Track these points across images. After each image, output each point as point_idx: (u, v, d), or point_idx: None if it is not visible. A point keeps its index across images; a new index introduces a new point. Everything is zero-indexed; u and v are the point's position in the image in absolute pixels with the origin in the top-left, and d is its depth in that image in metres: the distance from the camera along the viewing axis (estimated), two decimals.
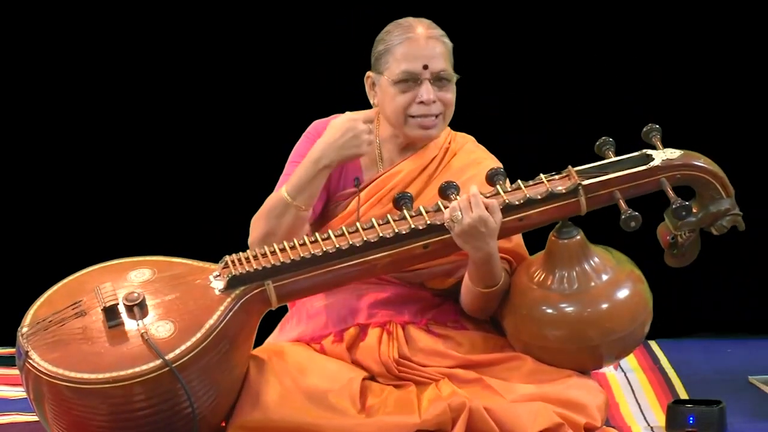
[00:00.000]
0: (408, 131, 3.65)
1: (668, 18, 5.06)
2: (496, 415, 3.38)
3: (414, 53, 3.61)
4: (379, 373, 3.53)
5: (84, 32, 5.19)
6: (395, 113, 3.64)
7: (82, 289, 3.41)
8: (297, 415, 3.37)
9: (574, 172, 3.49)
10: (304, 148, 3.66)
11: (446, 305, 3.67)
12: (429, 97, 3.61)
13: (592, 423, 3.44)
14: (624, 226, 3.43)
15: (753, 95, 5.06)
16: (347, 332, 3.60)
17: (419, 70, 3.61)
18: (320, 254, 3.42)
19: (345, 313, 3.63)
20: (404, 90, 3.62)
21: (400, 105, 3.63)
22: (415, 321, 3.62)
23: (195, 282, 3.40)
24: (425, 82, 3.61)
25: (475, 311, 3.62)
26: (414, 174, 3.67)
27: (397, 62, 3.62)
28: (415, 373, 3.53)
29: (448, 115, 3.67)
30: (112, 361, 3.23)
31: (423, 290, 3.66)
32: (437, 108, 3.63)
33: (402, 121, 3.64)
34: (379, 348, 3.55)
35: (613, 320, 3.48)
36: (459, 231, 3.40)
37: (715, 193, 3.50)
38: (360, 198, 3.65)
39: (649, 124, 3.56)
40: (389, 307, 3.63)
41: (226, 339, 3.32)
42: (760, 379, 4.20)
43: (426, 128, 3.64)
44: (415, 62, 3.61)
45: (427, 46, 3.62)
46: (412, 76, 3.61)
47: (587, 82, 5.08)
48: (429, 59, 3.61)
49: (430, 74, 3.61)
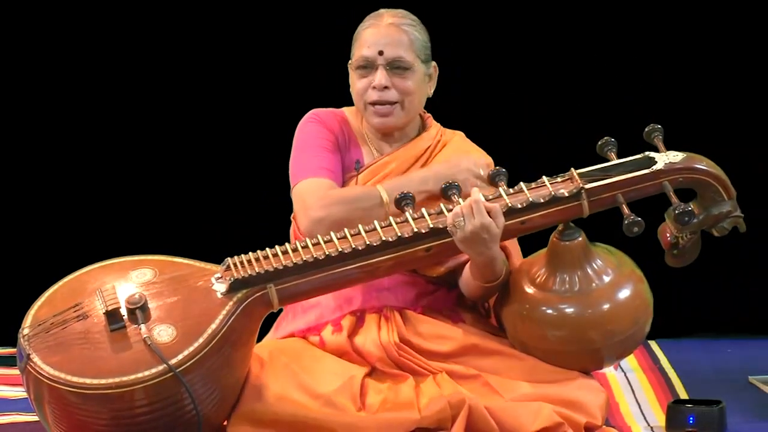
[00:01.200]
0: (368, 118, 3.68)
1: (668, 18, 5.06)
2: (496, 413, 3.39)
3: (372, 39, 3.64)
4: (380, 358, 3.52)
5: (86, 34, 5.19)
6: (356, 99, 3.69)
7: (84, 289, 3.39)
8: (297, 410, 3.36)
9: (577, 175, 3.48)
10: (315, 132, 3.69)
11: (440, 293, 3.67)
12: (380, 82, 3.63)
13: (593, 422, 3.44)
14: (627, 232, 3.42)
15: (753, 95, 5.06)
16: (345, 319, 3.59)
17: (374, 55, 3.64)
18: (323, 257, 3.41)
19: (340, 301, 3.63)
20: (362, 75, 3.66)
21: (358, 90, 3.67)
22: (410, 307, 3.62)
23: (197, 284, 3.39)
24: (379, 67, 3.63)
25: (475, 299, 3.65)
26: (409, 163, 3.68)
27: (359, 48, 3.66)
28: (414, 361, 3.53)
29: (408, 104, 3.67)
30: (115, 366, 3.22)
31: (417, 276, 3.66)
32: (393, 95, 3.64)
33: (362, 108, 3.68)
34: (379, 333, 3.55)
35: (614, 322, 3.47)
36: (461, 237, 3.40)
37: (717, 196, 3.50)
38: (357, 180, 3.67)
39: (651, 124, 3.55)
40: (384, 293, 3.63)
41: (228, 342, 3.31)
42: (760, 379, 4.21)
43: (382, 116, 3.66)
44: (372, 48, 3.64)
45: (387, 33, 3.64)
46: (368, 62, 3.64)
47: (588, 82, 5.07)
48: (384, 45, 3.63)
49: (384, 60, 3.63)
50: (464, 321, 3.62)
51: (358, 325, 3.59)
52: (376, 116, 3.66)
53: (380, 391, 3.46)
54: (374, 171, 3.68)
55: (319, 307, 3.64)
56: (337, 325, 3.59)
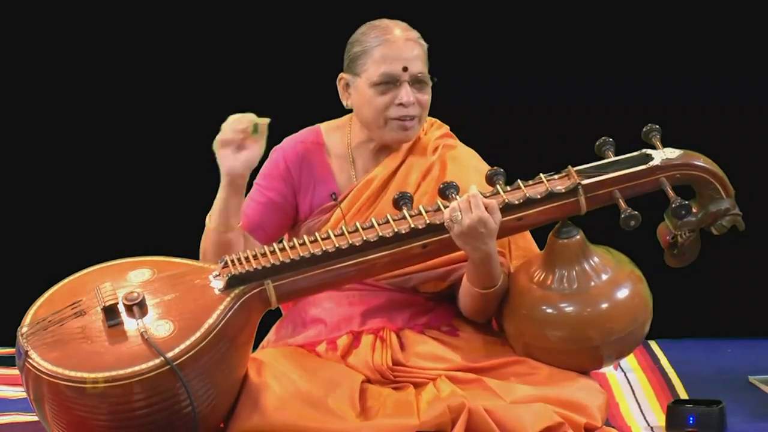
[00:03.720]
0: (386, 133, 3.65)
1: (669, 18, 5.06)
2: (496, 415, 3.37)
3: (393, 55, 3.61)
4: (374, 379, 3.52)
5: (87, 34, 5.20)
6: (374, 115, 3.64)
7: (82, 289, 3.40)
8: (296, 420, 3.36)
9: (574, 171, 3.49)
10: (264, 179, 3.72)
11: (440, 309, 3.66)
12: (409, 99, 3.61)
13: (593, 423, 3.43)
14: (623, 225, 3.43)
15: (753, 95, 5.06)
16: (340, 339, 3.59)
17: (398, 72, 3.61)
18: (320, 254, 3.41)
19: (338, 320, 3.63)
20: (383, 92, 3.62)
21: (379, 107, 3.63)
22: (408, 327, 3.62)
23: (194, 281, 3.40)
24: (404, 83, 3.61)
25: (474, 314, 3.61)
26: (388, 178, 3.67)
27: (375, 64, 3.61)
28: (412, 376, 3.53)
29: (424, 117, 3.68)
30: (112, 361, 3.22)
31: (416, 295, 3.66)
32: (415, 110, 3.63)
33: (381, 124, 3.64)
34: (373, 355, 3.54)
35: (613, 320, 3.47)
36: (458, 231, 3.40)
37: (715, 193, 3.50)
38: (342, 209, 3.65)
39: (649, 124, 3.56)
40: (382, 314, 3.63)
41: (226, 338, 3.32)
42: (760, 379, 4.20)
43: (405, 129, 3.64)
44: (395, 64, 3.61)
45: (406, 47, 3.62)
46: (392, 78, 3.61)
47: (588, 82, 5.08)
48: (408, 61, 3.61)
49: (409, 76, 3.61)
50: (464, 333, 3.62)
51: (353, 345, 3.59)
52: (401, 131, 3.64)
53: (380, 396, 3.46)
54: (356, 196, 3.67)
55: (319, 325, 3.64)
56: (332, 343, 3.59)
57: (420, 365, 3.54)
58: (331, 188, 3.69)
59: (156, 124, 5.25)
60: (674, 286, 4.55)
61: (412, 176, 3.67)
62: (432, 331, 3.62)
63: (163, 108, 5.23)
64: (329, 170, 3.72)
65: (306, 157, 3.72)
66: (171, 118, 5.23)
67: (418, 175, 3.67)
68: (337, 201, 3.66)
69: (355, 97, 3.67)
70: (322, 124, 3.79)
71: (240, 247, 3.55)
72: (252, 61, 5.19)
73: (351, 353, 3.57)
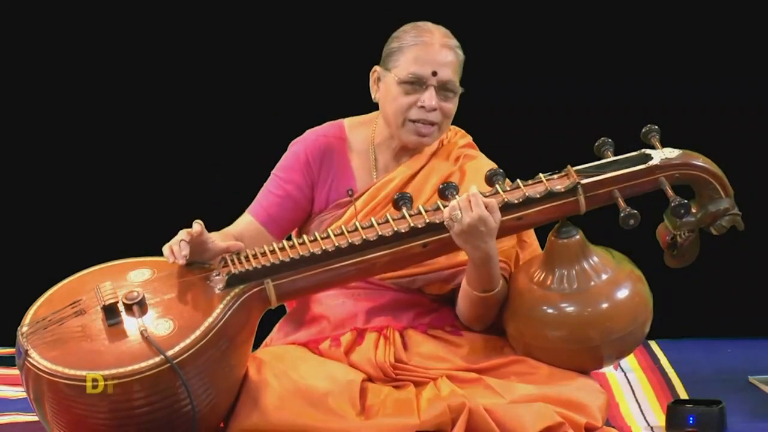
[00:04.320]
0: (403, 134, 3.64)
1: (669, 18, 5.07)
2: (497, 415, 3.38)
3: (425, 57, 3.60)
4: (376, 376, 3.53)
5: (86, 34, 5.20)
6: (395, 113, 3.63)
7: (82, 289, 3.41)
8: (296, 418, 3.36)
9: (573, 171, 3.49)
10: (283, 170, 3.70)
11: (444, 310, 3.66)
12: (431, 103, 3.59)
13: (593, 423, 3.44)
14: (623, 224, 3.43)
15: (753, 95, 5.06)
16: (344, 336, 3.59)
17: (427, 75, 3.59)
18: (320, 253, 3.42)
19: (343, 318, 3.63)
20: (408, 92, 3.61)
21: (401, 106, 3.62)
22: (412, 326, 3.62)
23: (194, 281, 3.41)
24: (430, 88, 3.60)
25: (473, 320, 3.61)
26: (408, 180, 3.66)
27: (407, 62, 3.60)
28: (413, 374, 3.53)
29: (445, 126, 3.66)
30: (112, 359, 3.23)
31: (421, 296, 3.65)
32: (436, 116, 3.62)
33: (399, 123, 3.63)
34: (376, 352, 3.54)
35: (613, 320, 3.47)
36: (458, 230, 3.40)
37: (714, 193, 3.50)
38: (356, 207, 3.64)
39: (648, 124, 3.56)
40: (387, 313, 3.63)
41: (225, 337, 3.32)
42: (760, 379, 4.20)
43: (421, 135, 3.63)
44: (425, 66, 3.59)
45: (440, 52, 3.60)
46: (419, 79, 3.60)
47: (588, 82, 5.08)
48: (439, 66, 3.59)
49: (437, 81, 3.60)
50: (467, 333, 3.62)
51: (357, 343, 3.59)
52: (415, 134, 3.63)
53: (380, 395, 3.46)
54: (373, 194, 3.66)
55: (323, 322, 3.64)
56: (336, 341, 3.59)
57: (422, 365, 3.54)
58: (350, 184, 3.69)
59: (156, 125, 5.25)
60: (674, 286, 4.55)
61: (431, 180, 3.66)
62: (435, 330, 3.62)
63: (164, 108, 5.24)
64: (349, 166, 3.72)
65: (327, 151, 3.72)
66: (171, 118, 5.24)
67: (437, 180, 3.64)
68: (353, 197, 3.66)
69: (383, 91, 3.66)
70: (346, 120, 3.77)
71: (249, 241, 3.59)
72: (260, 61, 5.19)
73: (354, 350, 3.57)
